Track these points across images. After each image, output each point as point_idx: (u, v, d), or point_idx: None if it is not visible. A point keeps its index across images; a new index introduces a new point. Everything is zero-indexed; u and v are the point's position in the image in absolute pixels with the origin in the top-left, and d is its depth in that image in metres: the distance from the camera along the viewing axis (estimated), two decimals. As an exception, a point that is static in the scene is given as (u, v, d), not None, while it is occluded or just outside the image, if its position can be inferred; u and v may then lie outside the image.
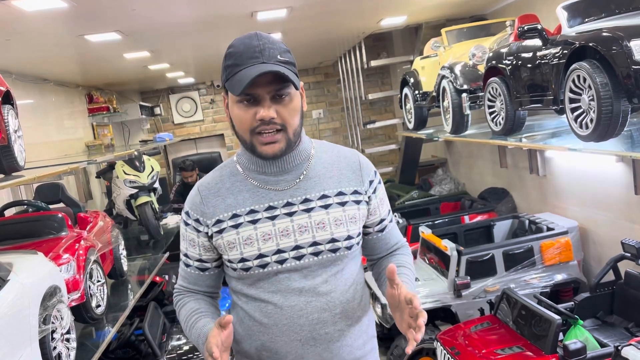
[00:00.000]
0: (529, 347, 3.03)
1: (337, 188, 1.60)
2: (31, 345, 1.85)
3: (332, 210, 1.57)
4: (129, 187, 4.65)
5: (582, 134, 2.43)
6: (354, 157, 1.67)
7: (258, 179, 1.59)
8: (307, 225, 1.55)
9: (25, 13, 2.90)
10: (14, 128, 2.36)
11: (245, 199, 1.57)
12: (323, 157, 1.64)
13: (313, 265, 1.56)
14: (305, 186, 1.58)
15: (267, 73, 1.43)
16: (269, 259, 1.54)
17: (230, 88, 1.48)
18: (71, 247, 2.59)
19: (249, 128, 1.51)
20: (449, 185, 6.42)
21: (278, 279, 1.55)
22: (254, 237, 1.54)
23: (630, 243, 3.10)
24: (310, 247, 1.55)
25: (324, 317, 1.56)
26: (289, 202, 1.56)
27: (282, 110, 1.49)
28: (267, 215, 1.55)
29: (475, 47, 3.72)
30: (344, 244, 1.57)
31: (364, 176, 1.65)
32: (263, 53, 1.46)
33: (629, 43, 2.08)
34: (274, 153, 1.52)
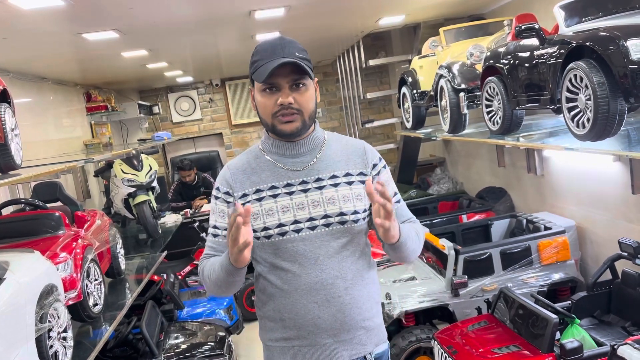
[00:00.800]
0: (526, 346, 3.04)
1: (345, 170, 1.87)
2: (27, 343, 1.85)
3: (340, 188, 1.84)
4: (127, 185, 4.64)
5: (579, 133, 2.44)
6: (360, 145, 1.96)
7: (278, 161, 1.87)
8: (319, 201, 1.82)
9: (22, 11, 2.89)
10: (10, 126, 2.36)
11: (267, 176, 1.86)
12: (333, 145, 1.93)
13: (325, 235, 1.82)
14: (318, 167, 1.86)
15: (286, 64, 1.73)
16: (287, 227, 1.80)
17: (256, 77, 1.76)
18: (68, 246, 2.59)
19: (271, 112, 1.80)
20: (447, 185, 6.42)
21: (295, 249, 1.81)
22: (274, 209, 1.81)
23: (628, 242, 3.11)
24: (322, 219, 1.82)
25: (337, 283, 1.81)
26: (304, 180, 1.84)
27: (299, 97, 1.79)
28: (286, 191, 1.83)
29: (473, 47, 3.72)
30: (351, 217, 1.83)
31: (369, 160, 1.92)
32: (284, 50, 1.76)
33: (626, 42, 2.09)
34: (292, 130, 1.81)
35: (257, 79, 1.77)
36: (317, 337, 1.84)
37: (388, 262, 4.58)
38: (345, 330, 1.85)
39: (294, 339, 1.86)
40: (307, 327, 1.83)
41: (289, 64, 1.74)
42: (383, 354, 1.98)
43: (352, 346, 1.86)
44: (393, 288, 3.94)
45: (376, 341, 1.93)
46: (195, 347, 4.00)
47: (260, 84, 1.78)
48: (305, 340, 1.84)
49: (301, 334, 1.85)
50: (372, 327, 1.91)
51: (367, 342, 1.89)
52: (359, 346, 1.87)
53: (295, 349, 1.86)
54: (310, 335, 1.84)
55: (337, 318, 1.83)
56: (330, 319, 1.82)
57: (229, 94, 8.75)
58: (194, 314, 4.74)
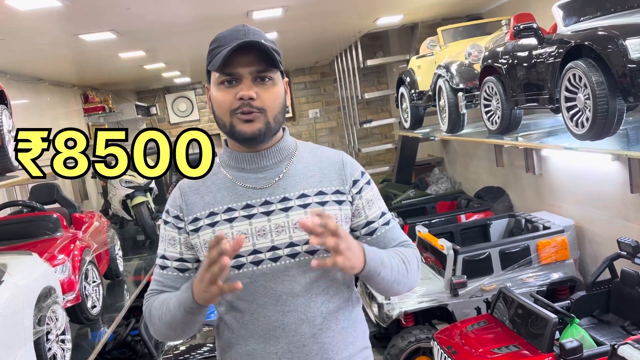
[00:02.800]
0: (525, 345, 3.03)
1: (317, 187, 1.53)
2: (26, 346, 1.84)
3: (311, 209, 1.48)
4: (125, 187, 4.64)
5: (578, 132, 2.44)
6: (338, 157, 1.61)
7: (237, 177, 1.54)
8: (284, 225, 1.48)
9: (19, 12, 2.88)
10: (7, 128, 2.35)
11: (223, 196, 1.53)
12: (305, 157, 1.59)
13: (290, 269, 1.48)
14: (284, 185, 1.53)
15: (249, 49, 1.43)
16: (244, 259, 1.47)
17: (212, 66, 1.48)
18: (66, 248, 2.58)
19: (228, 109, 1.47)
20: (445, 184, 6.42)
21: (254, 285, 1.48)
22: (229, 237, 1.48)
23: (626, 241, 3.10)
24: (287, 249, 1.48)
25: (301, 330, 1.48)
26: (267, 200, 1.51)
27: (263, 93, 1.47)
28: (244, 214, 1.50)
29: (471, 46, 3.72)
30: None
31: (347, 175, 1.57)
32: (247, 35, 1.46)
33: (625, 42, 2.08)
34: (253, 132, 1.47)
35: (212, 67, 1.48)
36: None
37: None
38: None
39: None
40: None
41: (251, 47, 1.43)
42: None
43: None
44: (392, 288, 3.93)
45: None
46: (194, 348, 3.99)
47: (217, 74, 1.48)
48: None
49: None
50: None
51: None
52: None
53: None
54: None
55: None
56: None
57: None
58: (193, 315, 4.73)
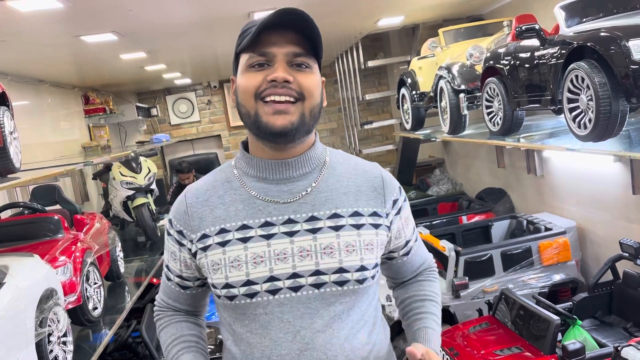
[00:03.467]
0: (527, 347, 3.03)
1: (352, 207, 1.30)
2: (27, 348, 1.84)
3: (343, 233, 1.27)
4: (125, 188, 4.63)
5: (580, 133, 2.43)
6: (376, 172, 1.38)
7: (256, 188, 1.30)
8: (310, 250, 1.25)
9: (20, 14, 2.88)
10: (9, 130, 2.35)
11: (237, 211, 1.29)
12: (338, 168, 1.35)
13: (313, 301, 1.25)
14: (313, 201, 1.29)
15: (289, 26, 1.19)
16: (258, 287, 1.25)
17: (244, 44, 1.23)
18: (68, 250, 2.58)
19: (254, 92, 1.21)
20: (446, 186, 6.42)
21: (268, 317, 1.26)
22: (242, 259, 1.25)
23: (628, 243, 3.10)
24: (311, 277, 1.25)
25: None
26: (290, 218, 1.27)
27: (301, 78, 1.22)
28: (262, 233, 1.26)
29: (472, 47, 3.71)
30: (354, 275, 1.27)
31: (387, 195, 1.35)
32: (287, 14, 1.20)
33: (627, 43, 2.08)
34: (284, 126, 1.21)
35: (244, 45, 1.23)
36: None
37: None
38: None
39: None
40: None
41: (291, 26, 1.20)
42: None
43: None
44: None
45: None
46: (195, 350, 3.98)
47: (246, 57, 1.23)
48: None
49: None
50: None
51: None
52: None
53: None
54: None
55: None
56: None
57: (228, 96, 8.74)
58: (194, 316, 4.72)
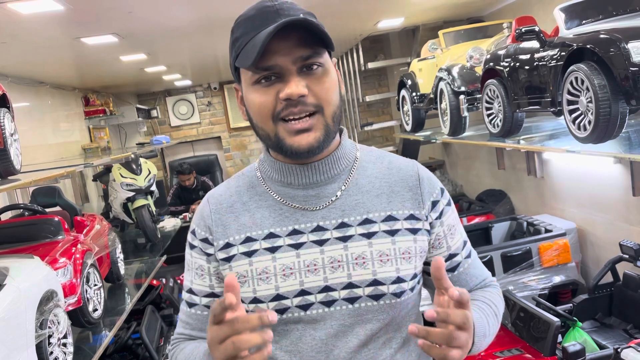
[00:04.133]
0: (527, 349, 3.03)
1: (386, 211, 1.18)
2: (27, 350, 1.84)
3: (376, 240, 1.16)
4: (125, 190, 4.64)
5: (580, 135, 2.43)
6: (412, 169, 1.25)
7: (282, 194, 1.20)
8: (341, 260, 1.14)
9: (21, 16, 2.88)
10: (10, 131, 2.35)
11: (264, 218, 1.19)
12: (369, 168, 1.23)
13: (347, 317, 1.14)
14: (343, 206, 1.18)
15: (289, 29, 1.05)
16: (289, 302, 1.14)
17: (242, 62, 1.08)
18: (68, 251, 2.58)
19: (270, 114, 1.10)
20: (446, 187, 6.33)
21: (299, 334, 1.15)
22: (271, 271, 1.15)
23: (629, 245, 3.10)
24: (344, 291, 1.14)
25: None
26: (319, 225, 1.17)
27: (315, 85, 1.10)
28: (290, 242, 1.16)
29: (472, 49, 3.72)
30: (391, 288, 1.14)
31: (425, 195, 1.22)
32: (280, 12, 1.08)
33: (627, 45, 2.08)
34: (310, 145, 1.11)
35: (244, 64, 1.08)
36: None
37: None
38: None
39: None
40: None
41: (293, 26, 1.05)
42: None
43: None
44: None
45: None
46: (195, 351, 3.98)
47: (250, 72, 1.10)
48: None
49: None
50: None
51: None
52: None
53: None
54: None
55: None
56: None
57: (228, 98, 8.74)
58: (194, 318, 4.72)
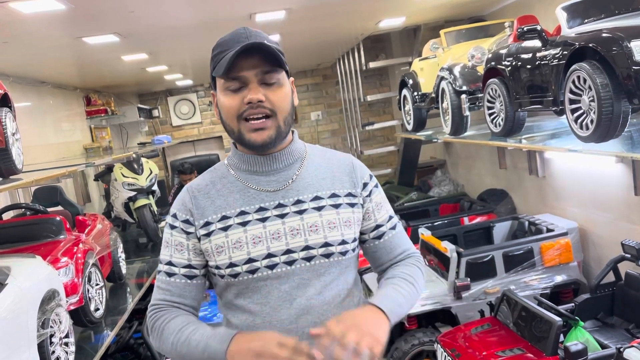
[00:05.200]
0: (529, 348, 3.02)
1: (330, 190, 1.54)
2: (30, 349, 1.84)
3: (325, 212, 1.51)
4: (127, 189, 4.64)
5: (582, 134, 2.43)
6: (348, 160, 1.63)
7: (249, 180, 1.53)
8: (299, 228, 1.48)
9: (22, 15, 2.88)
10: (11, 131, 2.35)
11: (235, 200, 1.51)
12: (316, 160, 1.59)
13: (305, 272, 1.47)
14: (297, 187, 1.52)
15: (254, 52, 1.41)
16: (258, 263, 1.46)
17: (217, 72, 1.45)
18: (69, 251, 2.58)
19: (236, 114, 1.45)
20: (448, 187, 6.42)
21: (268, 289, 1.47)
22: (243, 240, 1.47)
23: (630, 244, 3.10)
24: (302, 252, 1.47)
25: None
26: (280, 203, 1.50)
27: (272, 95, 1.45)
28: (258, 217, 1.48)
29: (474, 48, 3.71)
30: (337, 248, 1.50)
31: (358, 178, 1.59)
32: (249, 37, 1.45)
33: (629, 44, 2.08)
34: (263, 140, 1.46)
35: (217, 73, 1.44)
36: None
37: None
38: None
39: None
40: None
41: (256, 50, 1.41)
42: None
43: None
44: (395, 291, 3.93)
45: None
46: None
47: (223, 80, 1.46)
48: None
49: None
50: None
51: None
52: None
53: None
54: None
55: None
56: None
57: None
58: (195, 318, 4.72)
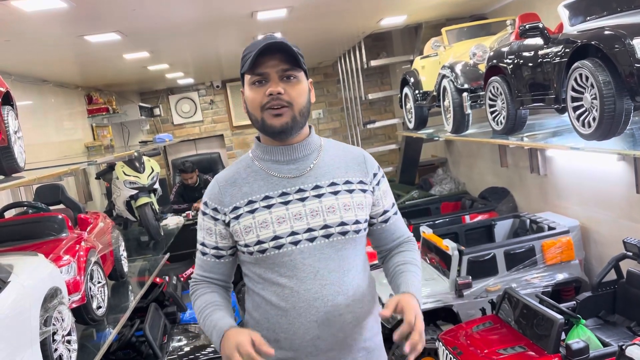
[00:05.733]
0: (531, 346, 3.03)
1: (344, 177, 1.75)
2: (32, 347, 1.84)
3: (340, 196, 1.72)
4: (129, 188, 4.64)
5: (584, 132, 2.43)
6: (359, 153, 1.85)
7: (271, 169, 1.74)
8: (318, 210, 1.69)
9: (24, 13, 2.89)
10: (14, 129, 2.35)
11: (260, 186, 1.72)
12: (331, 151, 1.80)
13: (325, 247, 1.69)
14: (315, 174, 1.73)
15: (276, 47, 1.64)
16: (284, 240, 1.67)
17: (245, 68, 1.68)
18: (72, 249, 2.58)
19: (259, 105, 1.67)
20: (449, 185, 6.41)
21: (293, 262, 1.68)
22: (269, 221, 1.68)
23: (632, 242, 3.10)
24: (322, 230, 1.69)
25: (338, 300, 1.69)
26: (300, 188, 1.71)
27: (289, 89, 1.67)
28: (281, 201, 1.69)
29: (475, 47, 3.71)
30: (352, 227, 1.71)
31: (369, 169, 1.81)
32: (274, 39, 1.66)
33: (632, 41, 2.07)
34: (281, 125, 1.67)
35: (245, 70, 1.69)
36: (316, 358, 1.71)
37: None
38: (346, 351, 1.72)
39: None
40: (306, 348, 1.69)
41: (278, 50, 1.64)
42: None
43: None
44: (397, 289, 3.93)
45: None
46: (199, 349, 3.99)
47: (249, 76, 1.69)
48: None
49: (298, 355, 1.71)
50: (373, 348, 1.80)
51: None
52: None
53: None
54: (309, 357, 1.70)
55: (337, 338, 1.70)
56: (331, 339, 1.69)
57: (230, 96, 8.74)
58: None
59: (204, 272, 1.83)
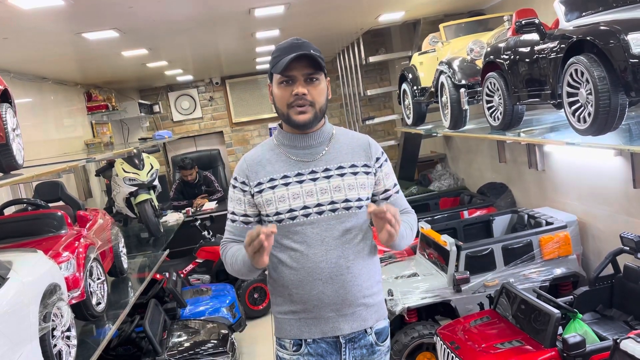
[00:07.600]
0: (528, 341, 3.04)
1: (350, 162, 2.08)
2: (31, 343, 1.86)
3: (346, 177, 2.05)
4: (128, 185, 4.65)
5: (580, 128, 2.44)
6: (365, 139, 2.17)
7: (290, 153, 2.08)
8: (326, 189, 2.03)
9: (22, 11, 2.89)
10: (12, 126, 2.37)
11: (280, 167, 2.06)
12: (341, 139, 2.13)
13: (331, 220, 2.03)
14: (326, 159, 2.07)
15: (302, 58, 1.95)
16: (297, 212, 2.02)
17: (275, 69, 1.97)
18: (71, 245, 2.60)
19: (286, 103, 2.01)
20: (448, 181, 6.42)
21: (304, 231, 2.02)
22: (286, 196, 2.02)
23: (629, 237, 3.11)
24: (329, 205, 2.03)
25: (340, 262, 2.02)
26: (313, 170, 2.05)
27: (312, 90, 2.00)
28: (297, 180, 2.04)
29: (473, 42, 3.71)
30: (355, 204, 2.04)
31: (372, 154, 2.13)
32: (301, 47, 1.97)
33: (626, 36, 2.09)
34: (304, 121, 2.01)
35: (275, 71, 1.97)
36: (321, 310, 2.04)
37: (390, 259, 4.58)
38: (347, 305, 2.05)
39: (300, 312, 2.06)
40: (312, 301, 2.03)
41: (304, 57, 1.94)
42: (383, 330, 2.17)
43: (353, 320, 2.07)
44: (395, 284, 3.95)
45: (376, 317, 2.14)
46: (198, 345, 4.01)
47: (278, 76, 1.98)
48: (311, 313, 2.05)
49: (307, 307, 2.05)
50: (372, 304, 2.11)
51: (367, 318, 2.10)
52: (359, 320, 2.08)
53: (302, 320, 2.07)
54: (315, 309, 2.04)
55: (339, 294, 2.03)
56: (333, 294, 2.02)
57: (229, 92, 8.74)
58: (197, 312, 4.75)
59: (233, 236, 2.14)
